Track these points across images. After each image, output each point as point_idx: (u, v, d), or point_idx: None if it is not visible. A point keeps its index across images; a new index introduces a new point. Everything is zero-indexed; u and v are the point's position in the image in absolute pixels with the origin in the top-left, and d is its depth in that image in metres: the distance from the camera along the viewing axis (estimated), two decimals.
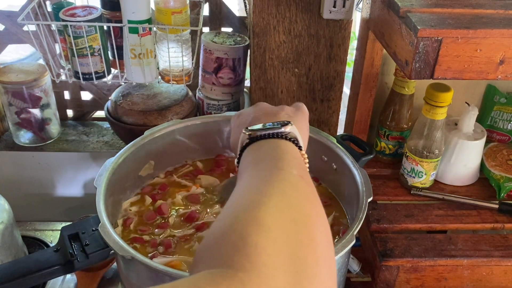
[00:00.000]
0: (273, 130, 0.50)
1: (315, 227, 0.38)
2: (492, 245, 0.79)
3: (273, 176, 0.42)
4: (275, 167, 0.44)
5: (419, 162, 0.87)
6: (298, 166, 0.46)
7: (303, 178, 0.44)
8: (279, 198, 0.39)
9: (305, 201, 0.41)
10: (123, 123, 1.01)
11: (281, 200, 0.39)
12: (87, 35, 0.91)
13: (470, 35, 0.60)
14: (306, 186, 0.43)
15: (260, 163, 0.46)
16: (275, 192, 0.39)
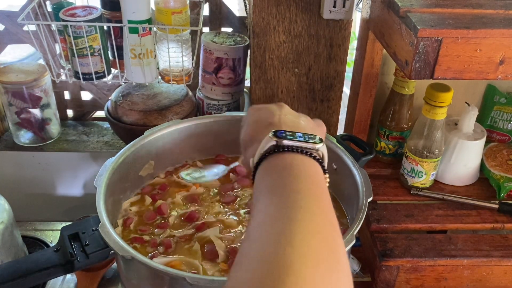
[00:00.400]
0: (305, 144, 0.46)
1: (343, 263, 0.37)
2: (492, 245, 0.79)
3: (302, 214, 0.38)
4: (304, 200, 0.39)
5: (419, 162, 0.87)
6: (324, 198, 0.42)
7: (326, 213, 0.40)
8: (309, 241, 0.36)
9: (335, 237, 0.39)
10: (123, 123, 1.01)
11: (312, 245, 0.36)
12: (87, 35, 0.91)
13: (470, 35, 0.60)
14: (331, 225, 0.39)
15: (286, 189, 0.41)
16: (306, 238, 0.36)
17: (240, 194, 0.83)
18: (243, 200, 0.82)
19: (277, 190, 0.41)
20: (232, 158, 0.93)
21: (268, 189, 0.42)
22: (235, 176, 0.87)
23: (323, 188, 0.43)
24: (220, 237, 0.74)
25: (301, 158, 0.45)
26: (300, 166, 0.44)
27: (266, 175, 0.45)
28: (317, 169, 0.45)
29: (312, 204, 0.39)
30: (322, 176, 0.46)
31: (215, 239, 0.72)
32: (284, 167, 0.44)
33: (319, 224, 0.38)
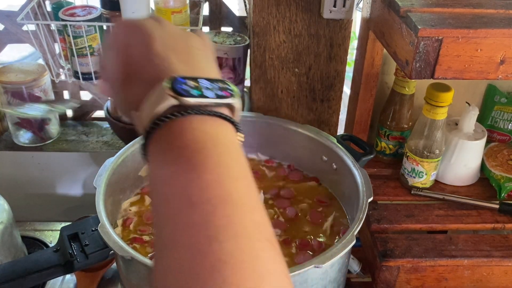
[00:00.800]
0: (218, 101, 0.34)
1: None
2: (492, 245, 0.79)
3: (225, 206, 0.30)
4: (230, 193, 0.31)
5: (419, 162, 0.87)
6: (247, 177, 0.34)
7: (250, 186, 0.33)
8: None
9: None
10: (123, 123, 1.01)
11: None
12: (86, 35, 0.91)
13: (471, 35, 0.60)
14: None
15: (200, 174, 0.31)
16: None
17: None
18: None
19: (195, 195, 0.30)
20: None
21: (180, 159, 0.31)
22: None
23: (246, 166, 0.34)
24: None
25: (215, 127, 0.34)
26: (219, 140, 0.33)
27: (169, 157, 0.32)
28: (234, 137, 0.35)
29: (249, 200, 0.32)
30: (239, 145, 0.35)
31: None
32: (198, 149, 0.32)
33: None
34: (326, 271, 0.64)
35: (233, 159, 0.33)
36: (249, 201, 0.31)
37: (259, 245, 0.29)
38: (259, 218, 0.31)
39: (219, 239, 0.28)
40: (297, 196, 0.84)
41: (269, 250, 0.30)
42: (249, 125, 0.90)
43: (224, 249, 0.28)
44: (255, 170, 0.89)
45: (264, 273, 0.28)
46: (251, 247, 0.29)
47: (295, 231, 0.76)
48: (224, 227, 0.29)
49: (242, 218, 0.30)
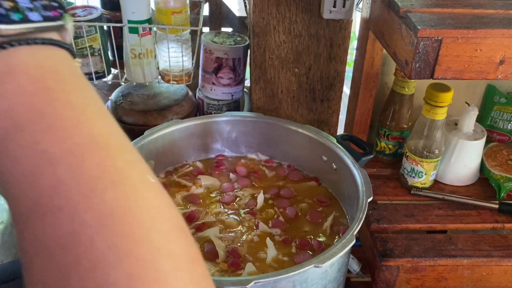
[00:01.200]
0: (45, 24, 0.27)
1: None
2: (492, 245, 0.79)
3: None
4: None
5: (419, 162, 0.87)
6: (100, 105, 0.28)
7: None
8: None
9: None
10: (123, 123, 1.01)
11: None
12: (87, 35, 0.91)
13: (470, 35, 0.60)
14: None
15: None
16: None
17: (240, 194, 0.83)
18: (243, 200, 0.82)
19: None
20: (232, 158, 0.93)
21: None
22: (235, 176, 0.87)
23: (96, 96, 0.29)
24: (220, 237, 0.74)
25: (51, 58, 0.27)
26: (61, 74, 0.27)
27: (3, 108, 0.25)
28: (75, 67, 0.28)
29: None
30: (83, 77, 0.29)
31: (215, 239, 0.72)
32: (38, 91, 0.25)
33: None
34: (326, 270, 0.64)
35: (84, 96, 0.27)
36: (116, 141, 0.27)
37: (141, 186, 0.27)
38: (132, 157, 0.28)
39: (96, 193, 0.24)
40: (297, 196, 0.84)
41: (152, 187, 0.27)
42: (249, 125, 0.90)
43: (106, 201, 0.24)
44: (255, 170, 0.89)
45: (154, 213, 0.26)
46: (133, 191, 0.26)
47: (295, 231, 0.77)
48: (97, 177, 0.25)
49: (115, 162, 0.26)
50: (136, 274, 0.24)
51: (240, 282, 0.56)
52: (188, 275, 0.26)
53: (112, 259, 0.23)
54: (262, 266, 0.70)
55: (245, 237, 0.74)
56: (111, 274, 0.23)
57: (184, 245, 0.27)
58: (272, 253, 0.71)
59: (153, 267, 0.24)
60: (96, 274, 0.23)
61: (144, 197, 0.26)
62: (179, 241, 0.27)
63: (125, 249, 0.24)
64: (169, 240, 0.26)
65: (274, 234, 0.75)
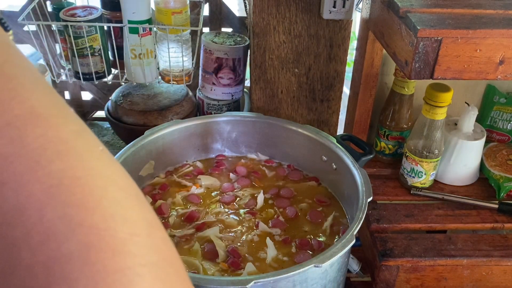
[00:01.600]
0: None
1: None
2: (491, 245, 0.80)
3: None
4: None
5: (418, 162, 0.87)
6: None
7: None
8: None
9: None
10: (124, 123, 1.01)
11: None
12: (87, 35, 0.91)
13: (470, 35, 0.60)
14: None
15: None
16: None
17: (240, 194, 0.83)
18: (243, 200, 0.82)
19: None
20: (232, 158, 0.93)
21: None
22: (235, 176, 0.87)
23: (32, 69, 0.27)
24: (220, 237, 0.74)
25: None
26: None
27: None
28: (7, 38, 0.27)
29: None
30: (17, 49, 0.28)
31: (215, 239, 0.72)
32: None
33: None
34: (326, 270, 0.64)
35: (19, 66, 0.26)
36: (59, 112, 0.26)
37: (89, 156, 0.26)
38: (77, 127, 0.27)
39: (41, 164, 0.23)
40: (297, 196, 0.84)
41: (101, 157, 0.27)
42: (249, 125, 0.90)
43: (52, 172, 0.24)
44: (255, 170, 0.90)
45: (105, 181, 0.26)
46: (81, 160, 0.25)
47: (295, 230, 0.77)
48: (42, 148, 0.24)
49: (59, 132, 0.25)
50: (91, 242, 0.23)
51: (240, 282, 0.56)
52: (146, 240, 0.25)
53: (64, 229, 0.23)
54: (262, 266, 0.70)
55: (245, 237, 0.74)
56: (64, 245, 0.23)
57: (140, 211, 0.27)
58: (272, 253, 0.71)
59: (108, 234, 0.24)
60: (48, 246, 0.23)
61: (93, 166, 0.25)
62: (134, 207, 0.26)
63: (77, 219, 0.23)
64: (123, 207, 0.26)
65: (274, 234, 0.75)
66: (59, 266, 0.22)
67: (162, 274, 0.25)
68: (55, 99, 0.27)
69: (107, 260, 0.23)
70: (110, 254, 0.23)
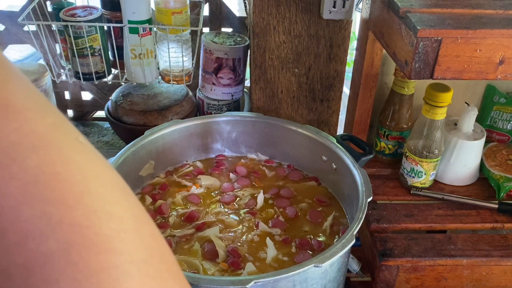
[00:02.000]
0: None
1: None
2: (491, 245, 0.80)
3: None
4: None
5: (418, 162, 0.87)
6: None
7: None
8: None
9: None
10: (124, 123, 1.01)
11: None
12: (87, 35, 0.91)
13: (470, 35, 0.60)
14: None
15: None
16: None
17: (240, 194, 0.83)
18: (243, 200, 0.82)
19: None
20: (232, 158, 0.93)
21: None
22: (235, 176, 0.87)
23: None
24: (220, 237, 0.74)
25: None
26: None
27: None
28: None
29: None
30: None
31: (215, 239, 0.73)
32: None
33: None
34: (326, 270, 0.64)
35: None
36: (34, 104, 0.25)
37: (68, 149, 0.24)
38: (54, 119, 0.25)
39: (16, 160, 0.22)
40: (297, 196, 0.84)
41: (81, 149, 0.25)
42: (249, 125, 0.90)
43: (28, 168, 0.22)
44: (255, 170, 0.90)
45: (87, 175, 0.24)
46: (59, 154, 0.24)
47: (295, 230, 0.77)
48: (16, 143, 0.23)
49: (35, 125, 0.24)
50: (72, 241, 0.22)
51: (240, 281, 0.56)
52: (134, 236, 0.24)
53: (44, 228, 0.22)
54: (262, 265, 0.70)
55: (245, 237, 0.75)
56: (44, 244, 0.21)
57: (126, 205, 0.25)
58: (272, 253, 0.71)
59: (92, 232, 0.22)
60: (26, 246, 0.21)
61: (73, 160, 0.24)
62: (120, 202, 0.25)
63: (56, 217, 0.22)
64: (107, 202, 0.24)
65: (274, 234, 0.75)
66: (38, 267, 0.21)
67: (152, 271, 0.24)
68: (31, 92, 0.25)
69: (91, 258, 0.22)
70: (93, 252, 0.22)
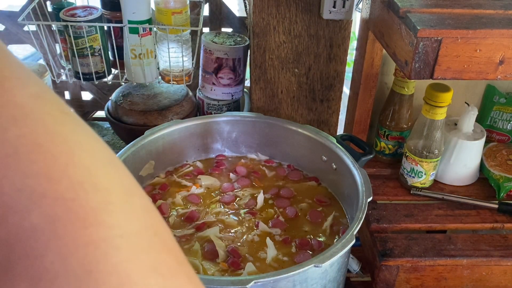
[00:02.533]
0: None
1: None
2: (491, 245, 0.80)
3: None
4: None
5: (418, 162, 0.87)
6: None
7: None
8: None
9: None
10: (124, 123, 1.01)
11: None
12: (87, 35, 0.91)
13: (470, 35, 0.60)
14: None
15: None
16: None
17: (240, 194, 0.83)
18: (243, 200, 0.82)
19: None
20: (232, 158, 0.93)
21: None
22: (235, 176, 0.87)
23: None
24: (220, 237, 0.74)
25: None
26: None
27: None
28: None
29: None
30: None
31: (215, 239, 0.73)
32: None
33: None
34: (326, 270, 0.64)
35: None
36: (14, 74, 0.24)
37: (50, 120, 0.23)
38: (37, 89, 0.24)
39: (6, 137, 0.22)
40: (297, 196, 0.84)
41: (65, 120, 0.24)
42: (249, 125, 0.90)
43: (8, 140, 0.22)
44: (255, 170, 0.90)
45: (71, 146, 0.23)
46: (41, 125, 0.23)
47: (295, 230, 0.77)
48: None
49: (14, 96, 0.23)
50: (57, 215, 0.21)
51: (240, 281, 0.56)
52: (123, 208, 0.23)
53: (25, 202, 0.21)
54: (262, 265, 0.70)
55: (245, 237, 0.75)
56: (27, 219, 0.21)
57: (115, 177, 0.24)
58: (272, 253, 0.71)
59: (77, 204, 0.21)
60: (7, 221, 0.20)
61: (56, 130, 0.23)
62: (108, 173, 0.24)
63: (39, 190, 0.21)
64: (94, 173, 0.23)
65: (274, 234, 0.75)
66: (21, 242, 0.20)
67: (145, 244, 0.23)
68: (10, 60, 0.24)
69: (77, 232, 0.21)
70: (79, 226, 0.21)
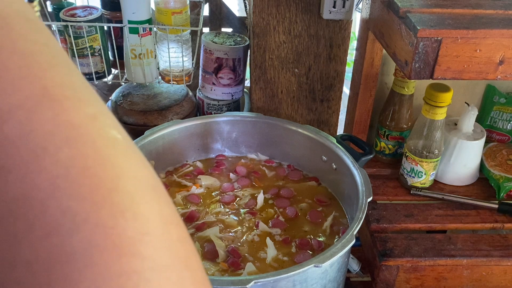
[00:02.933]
0: None
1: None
2: (491, 245, 0.80)
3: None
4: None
5: (418, 162, 0.87)
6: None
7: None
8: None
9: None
10: (124, 123, 1.01)
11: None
12: (87, 35, 0.91)
13: (470, 35, 0.60)
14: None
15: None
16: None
17: (240, 194, 0.83)
18: (243, 200, 0.82)
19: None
20: (232, 158, 0.93)
21: None
22: (235, 176, 0.87)
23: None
24: (220, 237, 0.74)
25: None
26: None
27: None
28: (24, 8, 0.25)
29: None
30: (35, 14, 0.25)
31: (215, 239, 0.73)
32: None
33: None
34: (326, 270, 0.64)
35: (35, 42, 0.24)
36: (75, 93, 0.24)
37: (102, 143, 0.23)
38: (94, 110, 0.24)
39: (49, 151, 0.22)
40: (297, 196, 0.84)
41: (116, 144, 0.24)
42: (249, 125, 0.90)
43: (60, 161, 0.22)
44: (255, 170, 0.90)
45: (118, 172, 0.23)
46: (92, 148, 0.23)
47: (295, 230, 0.77)
48: (50, 134, 0.22)
49: (71, 116, 0.23)
50: (95, 241, 0.21)
51: (240, 281, 0.56)
52: (160, 239, 0.23)
53: (68, 225, 0.21)
54: (262, 265, 0.70)
55: (245, 237, 0.75)
56: (68, 242, 0.21)
57: (156, 206, 0.24)
58: (272, 253, 0.71)
59: (116, 233, 0.22)
60: (50, 242, 0.21)
61: (106, 154, 0.23)
62: (149, 201, 0.24)
63: (82, 214, 0.21)
64: (136, 201, 0.23)
65: (274, 234, 0.75)
66: (60, 265, 0.21)
67: (175, 277, 0.23)
68: (74, 79, 0.24)
69: (112, 261, 0.21)
70: (115, 255, 0.21)
